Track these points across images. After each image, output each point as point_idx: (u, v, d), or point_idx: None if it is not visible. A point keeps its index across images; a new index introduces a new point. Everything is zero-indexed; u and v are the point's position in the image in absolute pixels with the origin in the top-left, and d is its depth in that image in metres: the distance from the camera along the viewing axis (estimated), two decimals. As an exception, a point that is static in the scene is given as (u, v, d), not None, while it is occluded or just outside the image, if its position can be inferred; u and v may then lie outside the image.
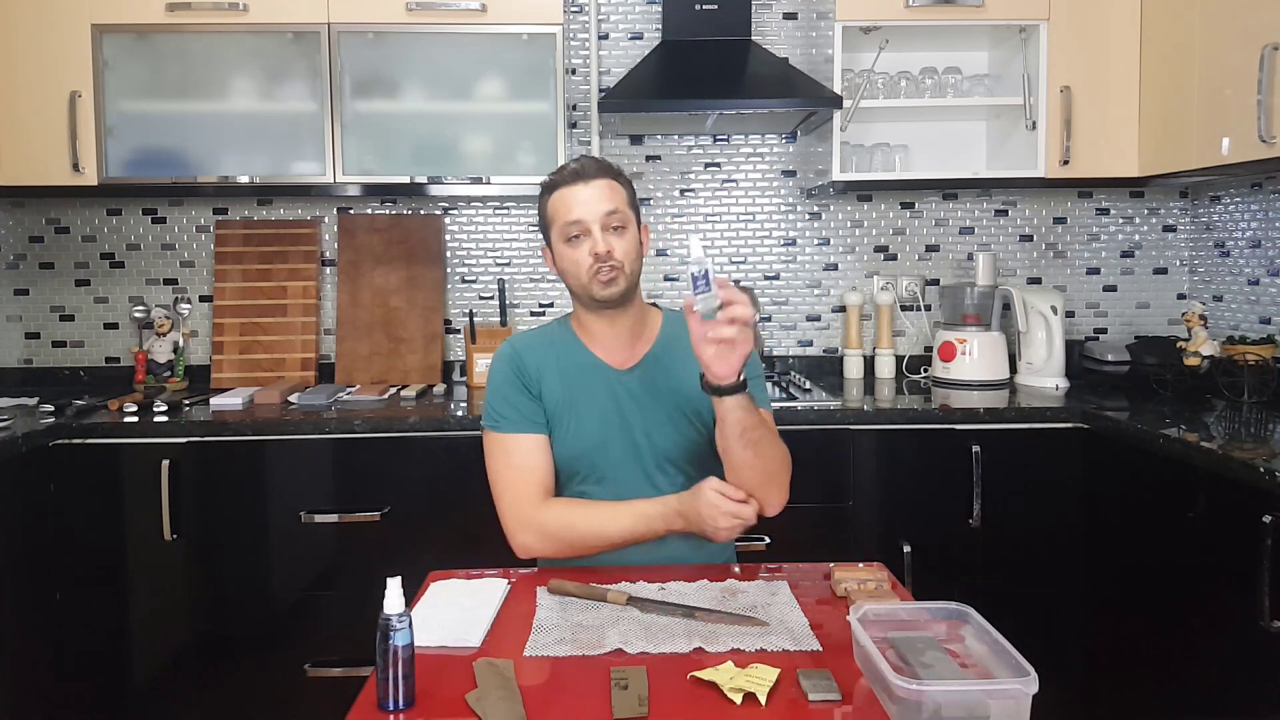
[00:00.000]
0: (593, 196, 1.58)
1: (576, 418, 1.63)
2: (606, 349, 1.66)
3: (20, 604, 2.24)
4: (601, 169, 1.62)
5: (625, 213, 1.61)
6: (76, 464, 2.35)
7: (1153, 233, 3.08)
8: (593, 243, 1.57)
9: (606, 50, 3.02)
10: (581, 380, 1.64)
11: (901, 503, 2.44)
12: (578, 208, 1.58)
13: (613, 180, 1.62)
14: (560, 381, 1.64)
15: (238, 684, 2.39)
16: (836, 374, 3.03)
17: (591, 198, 1.58)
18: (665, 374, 1.65)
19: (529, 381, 1.64)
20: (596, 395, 1.64)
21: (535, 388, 1.64)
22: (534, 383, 1.64)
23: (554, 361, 1.66)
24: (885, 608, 1.24)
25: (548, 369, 1.65)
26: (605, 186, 1.60)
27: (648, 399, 1.63)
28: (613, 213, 1.58)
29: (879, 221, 3.09)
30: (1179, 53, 2.49)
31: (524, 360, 1.65)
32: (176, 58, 2.65)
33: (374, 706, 1.12)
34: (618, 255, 1.58)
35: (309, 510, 2.38)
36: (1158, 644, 2.10)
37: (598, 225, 1.57)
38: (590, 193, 1.58)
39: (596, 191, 1.59)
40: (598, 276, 1.57)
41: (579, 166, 1.61)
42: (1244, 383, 2.42)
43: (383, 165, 2.68)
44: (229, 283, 2.97)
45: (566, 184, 1.60)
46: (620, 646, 1.25)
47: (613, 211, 1.58)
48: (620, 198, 1.61)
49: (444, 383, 2.91)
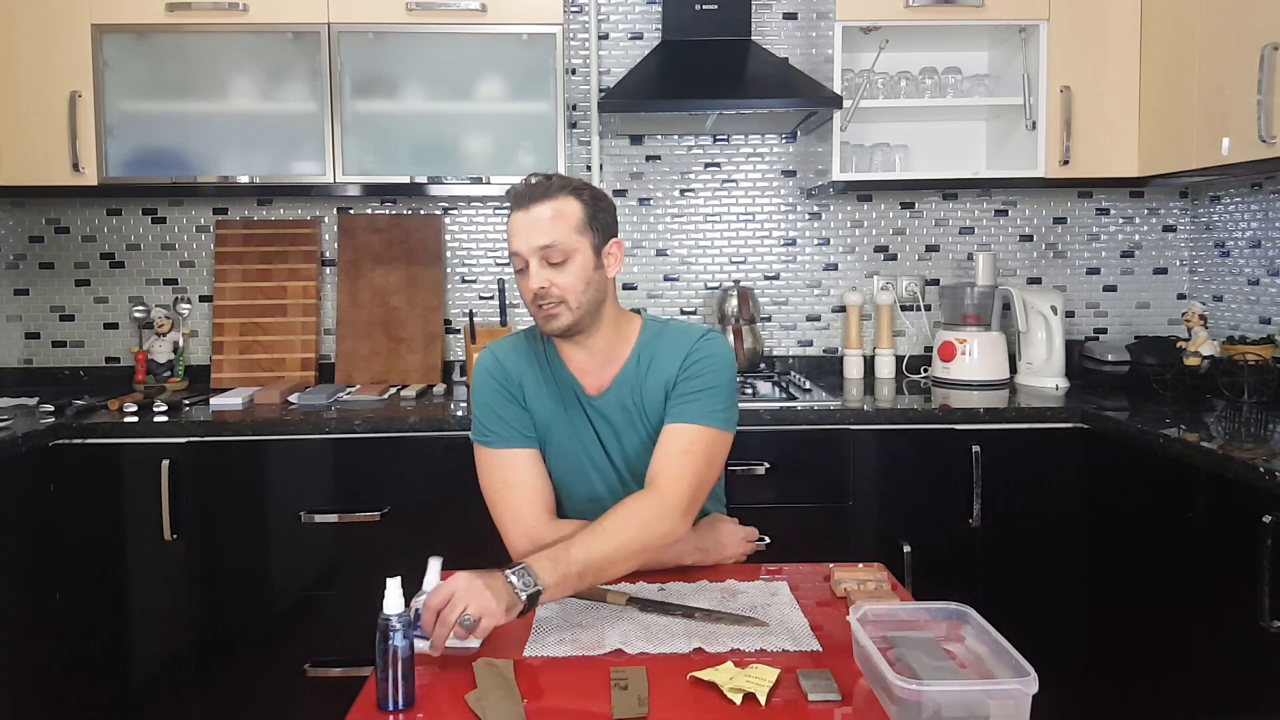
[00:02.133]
0: (529, 227, 1.48)
1: (557, 440, 1.59)
2: (580, 368, 1.59)
3: (20, 604, 2.24)
4: (548, 190, 1.49)
5: (568, 242, 1.47)
6: (76, 464, 2.35)
7: (1153, 233, 3.08)
8: (529, 277, 1.48)
9: (606, 50, 3.02)
10: (560, 401, 1.58)
11: (901, 503, 2.44)
12: (515, 238, 1.49)
13: (560, 201, 1.48)
14: (543, 395, 1.58)
15: (238, 684, 2.39)
16: (836, 374, 3.03)
17: (528, 228, 1.48)
18: (636, 393, 1.57)
19: (515, 391, 1.57)
20: (573, 422, 1.58)
21: (522, 398, 1.58)
22: (519, 392, 1.58)
23: (536, 372, 1.59)
24: (885, 608, 1.24)
25: (530, 380, 1.59)
26: (546, 214, 1.47)
27: (623, 423, 1.58)
28: (547, 246, 1.47)
29: (879, 221, 3.09)
30: (1179, 53, 2.49)
31: (506, 369, 1.59)
32: (176, 58, 2.65)
33: (374, 706, 1.12)
34: (557, 291, 1.47)
35: (309, 510, 2.38)
36: (1158, 644, 2.10)
37: (535, 259, 1.48)
38: (528, 222, 1.48)
39: (533, 221, 1.47)
40: (539, 311, 1.50)
41: (524, 188, 1.51)
42: (1244, 383, 2.42)
43: (383, 165, 2.68)
44: (229, 283, 2.97)
45: (511, 207, 1.52)
46: (620, 647, 1.26)
47: (548, 246, 1.46)
48: (564, 225, 1.48)
49: (444, 383, 2.91)
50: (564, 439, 1.59)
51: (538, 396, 1.59)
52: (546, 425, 1.59)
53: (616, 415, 1.58)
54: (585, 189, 1.53)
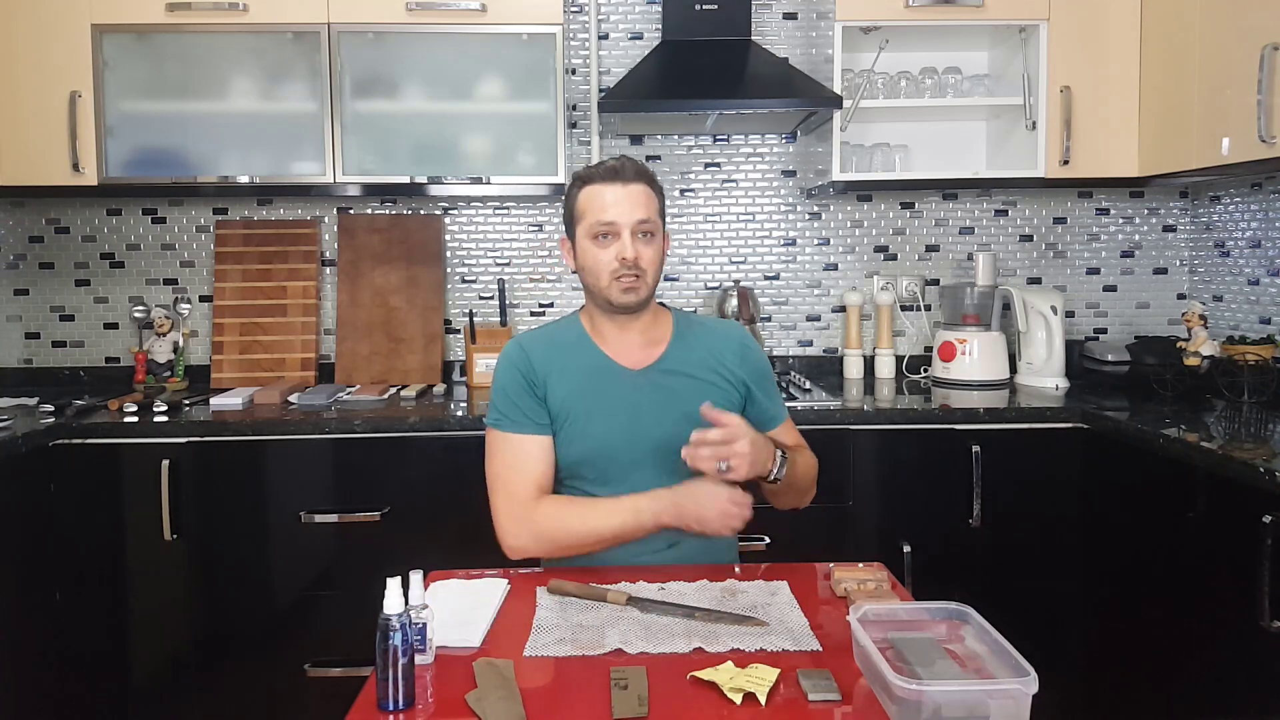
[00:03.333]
0: (628, 199, 1.57)
1: (585, 419, 1.61)
2: (618, 350, 1.65)
3: (20, 604, 2.24)
4: (639, 173, 1.60)
5: (656, 221, 1.60)
6: (76, 464, 2.35)
7: (1153, 233, 3.08)
8: (621, 247, 1.56)
9: (606, 50, 3.02)
10: (592, 381, 1.63)
11: (901, 503, 2.44)
12: (612, 208, 1.57)
13: (648, 186, 1.61)
14: (568, 382, 1.62)
15: (238, 684, 2.39)
16: (836, 374, 3.03)
17: (627, 200, 1.57)
18: (681, 374, 1.64)
19: (535, 382, 1.62)
20: (608, 397, 1.62)
21: (541, 389, 1.62)
22: (540, 383, 1.62)
23: (563, 361, 1.64)
24: (885, 608, 1.24)
25: (555, 369, 1.63)
26: (641, 192, 1.59)
27: (665, 399, 1.61)
28: (645, 220, 1.58)
29: (879, 221, 3.09)
30: (1179, 53, 2.49)
31: (531, 360, 1.63)
32: (176, 58, 2.65)
33: (374, 706, 1.12)
34: (644, 263, 1.57)
35: (309, 510, 2.38)
36: (1158, 644, 2.10)
37: (628, 230, 1.56)
38: (626, 195, 1.57)
39: (632, 195, 1.57)
40: (619, 281, 1.57)
41: (618, 165, 1.60)
42: (1244, 383, 2.42)
43: (383, 165, 2.68)
44: (229, 283, 2.97)
45: (602, 180, 1.59)
46: (620, 646, 1.26)
47: (645, 219, 1.58)
48: (653, 206, 1.60)
49: (444, 383, 2.91)
50: (595, 414, 1.61)
51: (565, 381, 1.62)
52: (577, 403, 1.61)
53: (658, 391, 1.63)
54: (656, 179, 1.65)
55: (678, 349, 1.66)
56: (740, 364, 1.68)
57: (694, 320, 1.74)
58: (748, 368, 1.69)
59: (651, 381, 1.63)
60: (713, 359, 1.66)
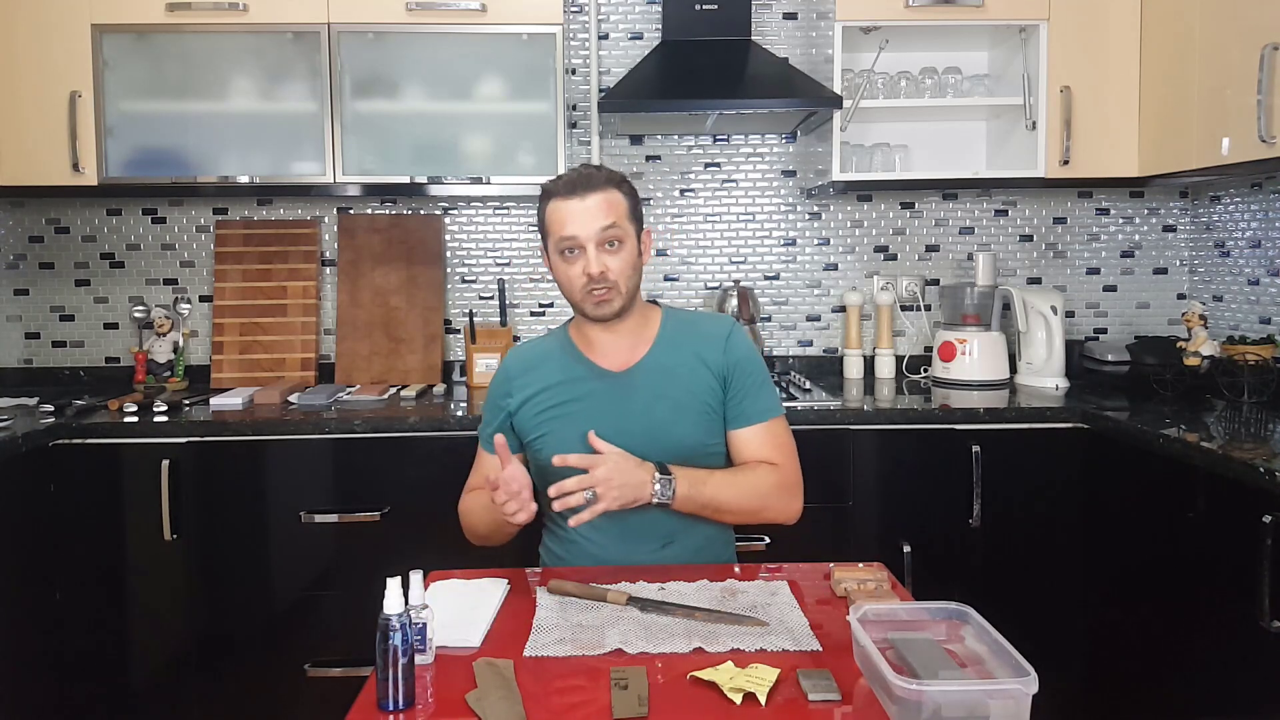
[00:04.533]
0: (587, 212, 1.55)
1: (563, 425, 1.61)
2: (603, 354, 1.66)
3: (20, 604, 2.24)
4: (600, 180, 1.57)
5: (623, 226, 1.57)
6: (76, 464, 2.35)
7: (1153, 233, 3.08)
8: (586, 262, 1.55)
9: (606, 50, 3.02)
10: (573, 388, 1.64)
11: (901, 503, 2.44)
12: (571, 223, 1.55)
13: (612, 190, 1.57)
14: (548, 392, 1.65)
15: (238, 684, 2.39)
16: (836, 374, 3.03)
17: (586, 213, 1.54)
18: (667, 372, 1.64)
19: (509, 395, 1.67)
20: (586, 401, 1.62)
21: (514, 403, 1.66)
22: (512, 397, 1.67)
23: (545, 372, 1.66)
24: (885, 608, 1.24)
25: (535, 381, 1.66)
26: (602, 201, 1.55)
27: (650, 399, 1.62)
28: (608, 228, 1.55)
29: (879, 221, 3.09)
30: (1179, 53, 2.49)
31: (511, 374, 1.69)
32: (176, 58, 2.65)
33: (374, 706, 1.12)
34: (612, 275, 1.55)
35: (309, 510, 2.38)
36: (1157, 644, 2.10)
37: (592, 244, 1.54)
38: (585, 208, 1.55)
39: (592, 206, 1.55)
40: (591, 295, 1.56)
41: (576, 177, 1.57)
42: (1244, 383, 2.42)
43: (383, 165, 2.68)
44: (229, 283, 2.97)
45: (561, 195, 1.57)
46: (620, 646, 1.26)
47: (608, 227, 1.55)
48: (618, 210, 1.57)
49: (444, 383, 2.91)
50: (576, 420, 1.61)
51: (547, 391, 1.65)
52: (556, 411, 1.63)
53: (643, 391, 1.63)
54: (625, 181, 1.62)
55: (663, 347, 1.66)
56: (722, 355, 1.65)
57: (684, 317, 1.73)
58: (729, 359, 1.65)
59: (633, 381, 1.64)
60: (697, 353, 1.65)
